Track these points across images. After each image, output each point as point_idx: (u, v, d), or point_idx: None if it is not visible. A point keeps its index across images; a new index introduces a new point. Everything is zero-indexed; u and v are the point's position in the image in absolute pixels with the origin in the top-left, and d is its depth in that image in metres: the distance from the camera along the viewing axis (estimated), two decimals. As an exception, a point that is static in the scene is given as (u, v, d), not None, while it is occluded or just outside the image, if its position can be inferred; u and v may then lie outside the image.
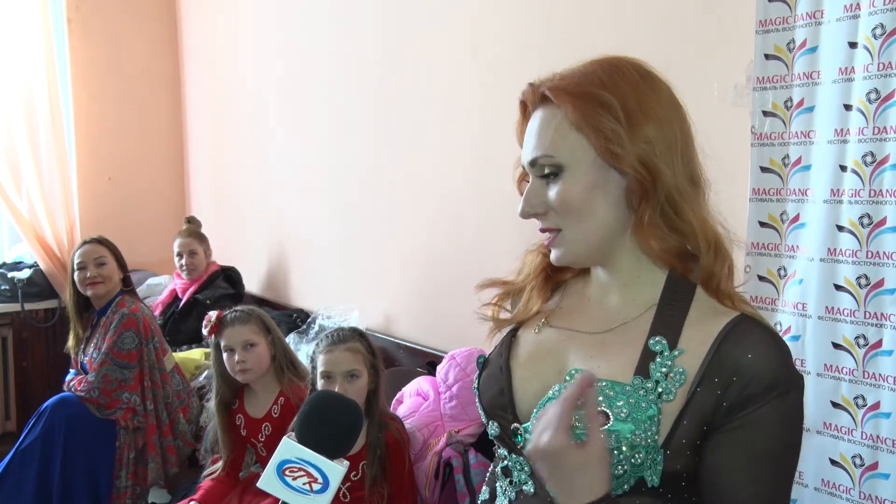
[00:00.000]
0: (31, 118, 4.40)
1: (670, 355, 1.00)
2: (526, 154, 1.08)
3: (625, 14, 2.18)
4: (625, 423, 0.97)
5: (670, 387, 0.98)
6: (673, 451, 0.97)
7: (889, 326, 1.55)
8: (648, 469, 0.97)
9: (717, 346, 0.99)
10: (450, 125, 2.85)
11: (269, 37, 4.00)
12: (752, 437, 0.96)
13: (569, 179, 1.04)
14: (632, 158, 1.01)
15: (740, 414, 0.96)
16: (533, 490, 1.06)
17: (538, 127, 1.06)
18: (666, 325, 1.03)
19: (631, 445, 0.96)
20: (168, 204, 4.95)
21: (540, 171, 1.06)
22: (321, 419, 1.09)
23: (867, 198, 1.56)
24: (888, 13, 1.51)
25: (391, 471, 2.19)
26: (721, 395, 0.97)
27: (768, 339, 0.99)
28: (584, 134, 1.02)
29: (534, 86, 1.08)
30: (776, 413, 0.96)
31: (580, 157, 1.03)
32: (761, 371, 0.96)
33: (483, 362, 1.18)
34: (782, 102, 1.71)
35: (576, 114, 1.02)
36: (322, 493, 1.04)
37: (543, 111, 1.07)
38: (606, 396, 0.99)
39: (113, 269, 3.12)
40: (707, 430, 0.98)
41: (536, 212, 1.07)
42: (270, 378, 2.51)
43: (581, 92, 1.03)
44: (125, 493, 3.02)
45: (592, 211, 1.04)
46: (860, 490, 1.61)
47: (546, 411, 0.97)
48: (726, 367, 0.97)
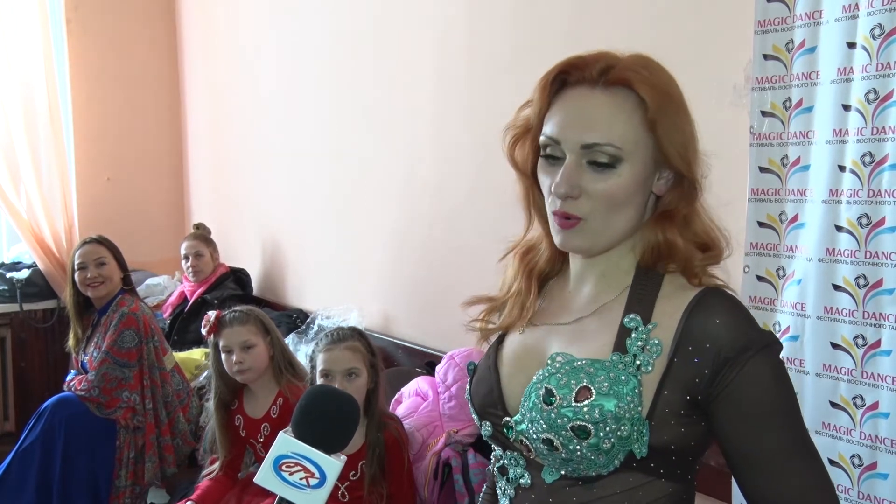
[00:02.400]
0: (30, 118, 4.39)
1: (645, 329, 1.03)
2: (580, 133, 1.02)
3: (623, 13, 2.18)
4: (607, 397, 0.99)
5: (648, 358, 1.01)
6: (657, 421, 1.00)
7: (888, 326, 1.55)
8: (636, 442, 0.99)
9: (686, 316, 1.02)
10: (448, 125, 2.85)
11: (268, 36, 3.99)
12: (747, 397, 0.99)
13: (624, 174, 1.03)
14: (690, 162, 1.04)
15: (724, 379, 0.99)
16: (530, 482, 1.07)
17: (602, 111, 1.02)
18: (638, 303, 1.06)
19: (616, 418, 0.98)
20: (167, 204, 4.95)
21: (594, 157, 1.02)
22: (317, 414, 1.09)
23: (866, 198, 1.57)
24: (887, 13, 1.51)
25: (390, 470, 2.19)
26: (699, 363, 0.99)
27: (732, 306, 1.03)
28: (655, 132, 1.02)
29: (589, 59, 1.04)
30: (759, 370, 0.99)
31: (640, 153, 1.03)
32: (730, 333, 0.99)
33: (473, 369, 1.20)
34: (781, 102, 1.71)
35: (659, 111, 1.01)
36: (319, 487, 1.04)
37: (607, 95, 1.03)
38: (587, 374, 1.01)
39: (113, 270, 3.12)
40: (695, 399, 1.00)
41: (572, 195, 1.03)
42: (269, 378, 2.51)
43: (659, 87, 1.02)
44: (124, 492, 3.02)
45: (627, 208, 1.05)
46: (859, 490, 1.61)
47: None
48: (698, 335, 1.00)
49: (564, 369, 1.03)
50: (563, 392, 1.01)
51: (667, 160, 1.04)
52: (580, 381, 1.00)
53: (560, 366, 1.04)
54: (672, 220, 1.06)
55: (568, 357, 1.04)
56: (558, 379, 1.02)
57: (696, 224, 1.08)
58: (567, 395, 1.00)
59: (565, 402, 1.00)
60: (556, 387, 1.01)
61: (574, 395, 1.00)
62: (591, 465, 1.00)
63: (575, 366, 1.02)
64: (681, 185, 1.06)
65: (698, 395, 1.00)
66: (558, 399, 1.01)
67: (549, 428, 1.01)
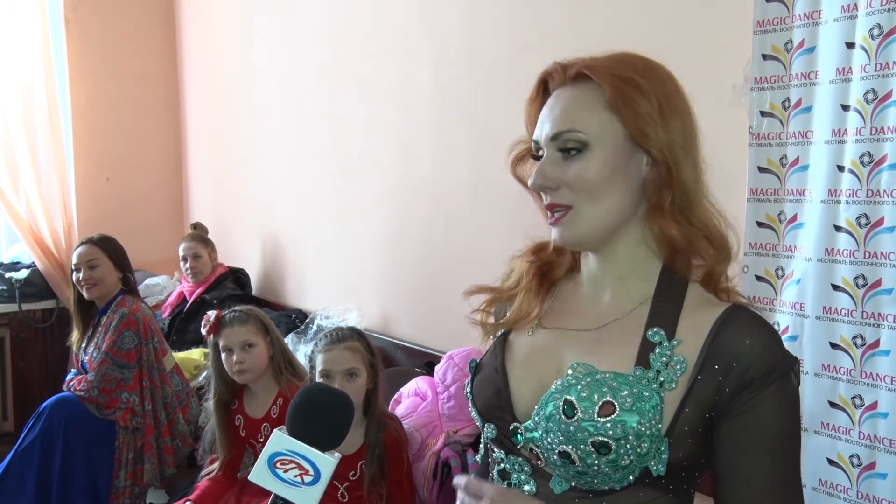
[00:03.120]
0: (29, 118, 4.39)
1: (669, 345, 1.01)
2: (547, 127, 1.06)
3: (622, 13, 2.18)
4: (630, 413, 0.97)
5: (671, 375, 1.00)
6: (675, 439, 0.99)
7: (886, 326, 1.55)
8: (653, 459, 0.98)
9: (714, 333, 1.01)
10: (448, 125, 2.85)
11: (267, 35, 3.99)
12: (760, 420, 0.98)
13: (593, 157, 1.03)
14: (661, 143, 1.03)
15: (745, 398, 0.98)
16: (535, 490, 1.05)
17: (566, 103, 1.06)
18: (662, 316, 1.04)
19: (637, 435, 0.97)
20: (166, 204, 4.95)
21: (562, 146, 1.05)
22: (312, 411, 1.08)
23: (865, 198, 1.57)
24: (885, 13, 1.51)
25: (390, 471, 2.19)
26: (722, 381, 0.98)
27: (761, 326, 1.02)
28: (619, 114, 1.03)
29: (564, 64, 1.08)
30: (779, 394, 0.99)
31: (608, 137, 1.04)
32: (759, 355, 0.98)
33: (475, 367, 1.18)
34: (780, 103, 1.71)
35: (614, 93, 1.02)
36: (313, 485, 1.04)
37: (573, 89, 1.06)
38: (611, 388, 0.99)
39: (106, 272, 3.10)
40: (710, 417, 0.99)
41: (549, 186, 1.05)
42: (269, 378, 2.51)
43: (621, 74, 1.04)
44: (124, 492, 3.02)
45: (609, 192, 1.04)
46: (858, 490, 1.61)
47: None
48: (725, 353, 0.99)
49: (586, 381, 1.01)
50: (584, 405, 0.98)
51: (637, 142, 1.04)
52: (603, 395, 0.98)
53: (582, 377, 1.02)
54: (660, 210, 1.05)
55: (589, 368, 1.02)
56: (579, 391, 1.00)
57: (695, 215, 1.06)
58: (589, 408, 0.98)
59: (587, 416, 0.98)
60: (578, 399, 0.99)
61: (597, 410, 0.98)
62: (606, 479, 0.99)
63: (597, 378, 1.00)
64: (657, 169, 1.05)
65: (714, 413, 0.99)
66: (580, 412, 0.98)
67: (568, 441, 0.99)
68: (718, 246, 1.07)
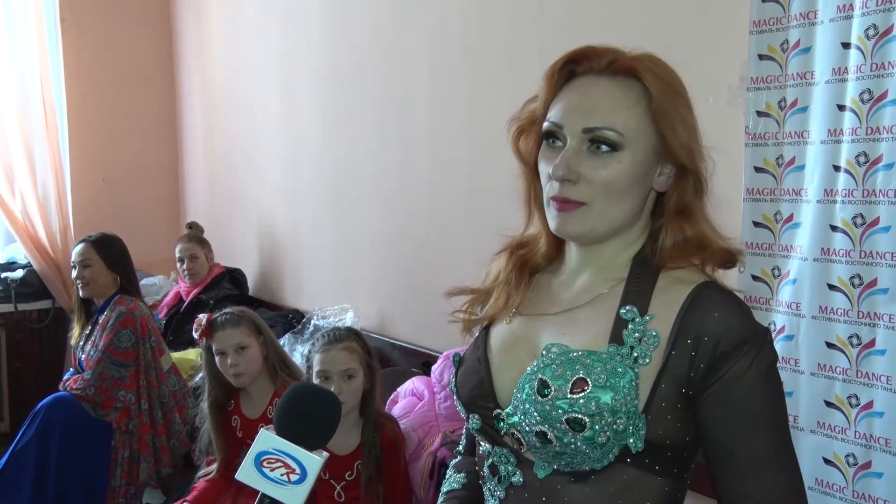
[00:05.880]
0: (25, 118, 4.38)
1: (642, 321, 1.02)
2: (582, 117, 1.03)
3: (618, 15, 2.18)
4: (604, 390, 0.98)
5: (645, 350, 1.00)
6: (653, 415, 0.99)
7: (882, 326, 1.55)
8: (632, 436, 0.98)
9: (685, 309, 1.01)
10: (444, 125, 2.85)
11: (263, 34, 3.99)
12: (737, 394, 0.99)
13: (624, 161, 1.03)
14: (695, 156, 1.04)
15: (719, 373, 0.99)
16: (522, 480, 1.06)
17: (604, 97, 1.03)
18: (635, 295, 1.05)
19: (612, 411, 0.97)
20: (162, 204, 4.94)
21: (592, 141, 1.03)
22: (298, 410, 1.08)
23: (860, 198, 1.57)
24: (881, 14, 1.51)
25: (386, 471, 2.19)
26: (695, 356, 0.99)
27: (730, 299, 1.02)
28: (658, 123, 1.03)
29: (599, 50, 1.06)
30: (754, 367, 0.99)
31: (641, 142, 1.03)
32: (729, 328, 0.99)
33: (458, 360, 1.19)
34: (776, 103, 1.71)
35: (661, 101, 1.02)
36: (300, 483, 1.03)
37: (611, 82, 1.04)
38: (584, 365, 1.00)
39: (98, 272, 3.09)
40: (687, 394, 1.00)
41: (569, 178, 1.03)
42: (265, 379, 2.50)
43: (671, 81, 1.04)
44: (119, 492, 3.01)
45: (627, 198, 1.05)
46: (853, 489, 1.61)
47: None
48: (695, 327, 1.00)
49: (559, 360, 1.02)
50: (558, 383, 0.99)
51: (669, 152, 1.04)
52: (576, 372, 0.99)
53: (555, 356, 1.02)
54: (691, 216, 1.06)
55: (563, 348, 1.03)
56: (553, 370, 1.01)
57: (704, 216, 1.08)
58: (562, 386, 0.99)
59: (560, 394, 0.99)
60: (551, 378, 1.00)
61: (570, 387, 0.99)
62: (585, 458, 0.99)
63: (571, 357, 1.01)
64: (685, 179, 1.06)
65: (690, 390, 1.00)
66: (553, 390, 0.99)
67: (544, 420, 0.99)
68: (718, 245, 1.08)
